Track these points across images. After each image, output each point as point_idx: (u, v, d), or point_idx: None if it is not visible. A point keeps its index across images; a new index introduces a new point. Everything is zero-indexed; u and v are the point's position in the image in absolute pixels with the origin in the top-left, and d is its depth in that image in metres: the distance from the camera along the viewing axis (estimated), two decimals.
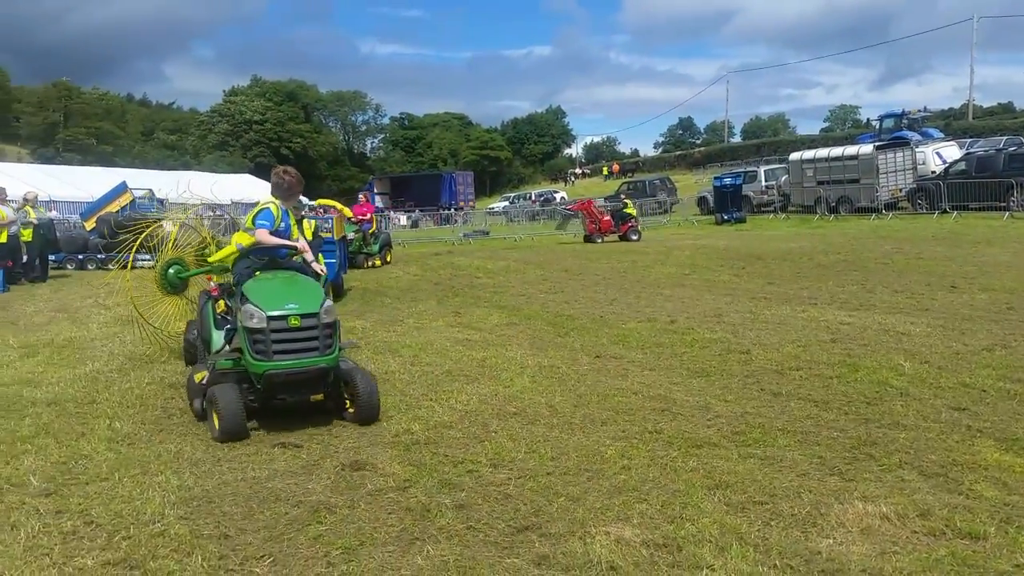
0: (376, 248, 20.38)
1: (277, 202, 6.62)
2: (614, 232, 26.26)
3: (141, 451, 5.63)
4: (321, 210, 19.54)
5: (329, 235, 14.25)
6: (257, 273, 6.37)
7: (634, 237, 25.89)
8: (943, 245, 18.17)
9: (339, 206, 19.03)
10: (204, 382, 6.11)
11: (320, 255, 10.19)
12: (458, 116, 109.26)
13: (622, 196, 30.63)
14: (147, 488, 4.87)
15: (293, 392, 5.94)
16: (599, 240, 25.80)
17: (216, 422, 5.74)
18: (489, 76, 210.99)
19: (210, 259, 7.73)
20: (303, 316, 5.82)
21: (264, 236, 6.46)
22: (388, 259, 20.84)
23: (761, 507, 4.29)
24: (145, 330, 8.99)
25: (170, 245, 9.00)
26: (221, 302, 6.71)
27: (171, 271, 8.71)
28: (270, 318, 5.74)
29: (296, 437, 5.80)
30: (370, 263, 19.74)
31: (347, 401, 6.16)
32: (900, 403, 6.17)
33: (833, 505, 4.28)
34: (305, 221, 12.76)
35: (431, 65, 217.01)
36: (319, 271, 6.89)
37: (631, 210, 27.34)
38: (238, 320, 6.04)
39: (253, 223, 6.56)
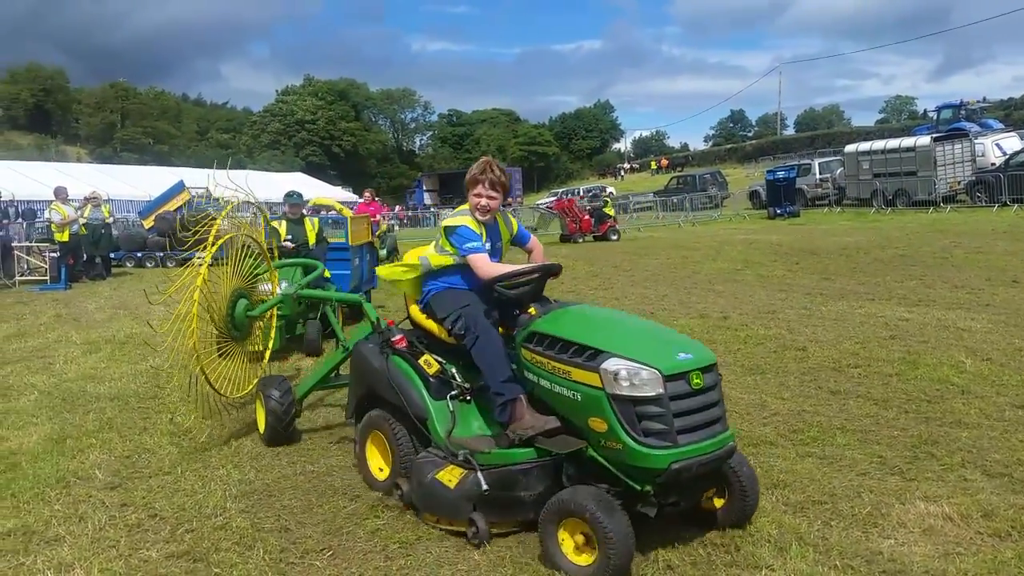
0: (384, 253, 17.96)
1: (474, 213, 4.59)
2: (593, 232, 26.57)
3: (202, 445, 5.77)
4: (325, 210, 17.36)
5: (341, 239, 11.80)
6: (532, 309, 4.27)
7: (613, 237, 26.34)
8: (1004, 239, 17.69)
9: (337, 206, 17.41)
10: (479, 485, 3.97)
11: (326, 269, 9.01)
12: (506, 112, 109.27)
13: (603, 196, 30.97)
14: (209, 482, 4.99)
15: (695, 490, 3.89)
16: (579, 240, 26.11)
17: (576, 552, 3.63)
18: (538, 71, 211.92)
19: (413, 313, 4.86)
20: (704, 371, 3.83)
21: (487, 265, 4.42)
22: None
23: (820, 507, 4.24)
24: (200, 391, 5.73)
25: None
26: (429, 358, 4.54)
27: (239, 307, 6.12)
28: (667, 379, 3.67)
29: (352, 432, 5.84)
30: None
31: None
32: (962, 401, 6.03)
33: (894, 505, 4.21)
34: (308, 221, 11.29)
35: (479, 61, 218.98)
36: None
37: (609, 210, 27.91)
38: (546, 382, 3.95)
39: (453, 246, 4.52)
